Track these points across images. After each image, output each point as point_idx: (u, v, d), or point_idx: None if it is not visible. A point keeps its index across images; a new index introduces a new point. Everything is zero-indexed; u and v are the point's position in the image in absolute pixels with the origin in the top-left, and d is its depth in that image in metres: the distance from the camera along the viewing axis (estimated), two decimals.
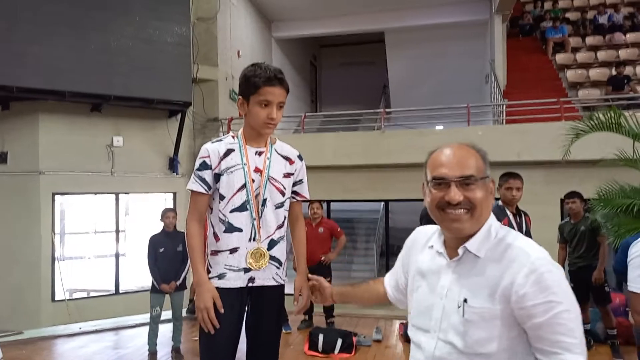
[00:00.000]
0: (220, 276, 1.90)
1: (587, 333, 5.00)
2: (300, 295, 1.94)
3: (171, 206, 7.97)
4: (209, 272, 1.94)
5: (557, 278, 1.21)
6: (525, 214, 3.69)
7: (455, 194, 1.27)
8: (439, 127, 9.00)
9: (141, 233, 5.81)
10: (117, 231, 8.11)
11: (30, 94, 6.89)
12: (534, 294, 1.18)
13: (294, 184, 2.05)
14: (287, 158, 2.03)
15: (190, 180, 1.94)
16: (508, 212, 3.55)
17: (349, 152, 7.87)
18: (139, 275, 7.55)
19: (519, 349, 1.24)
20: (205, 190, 1.92)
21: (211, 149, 1.94)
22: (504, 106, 8.58)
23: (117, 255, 8.06)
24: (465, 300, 1.27)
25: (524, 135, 7.47)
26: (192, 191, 1.93)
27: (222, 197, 1.92)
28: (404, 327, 5.38)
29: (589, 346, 4.91)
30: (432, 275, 1.38)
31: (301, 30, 12.02)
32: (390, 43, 12.08)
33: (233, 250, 1.90)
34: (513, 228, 3.48)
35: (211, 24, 9.05)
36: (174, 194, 8.36)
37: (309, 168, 2.18)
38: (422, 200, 3.30)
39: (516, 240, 1.29)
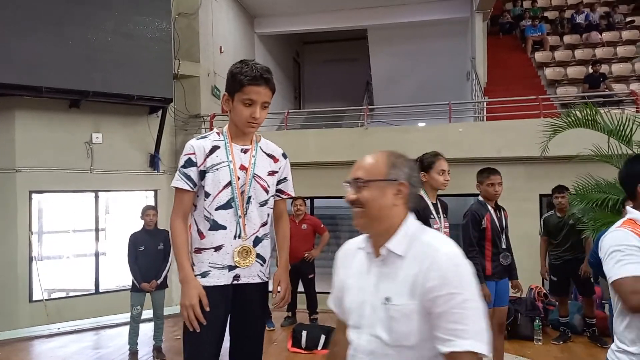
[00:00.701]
0: (204, 274, 1.88)
1: (566, 325, 5.12)
2: (279, 287, 1.93)
3: (152, 204, 7.89)
4: (192, 270, 1.92)
5: (461, 271, 1.32)
6: (503, 209, 3.74)
7: (349, 194, 1.44)
8: (421, 124, 9.06)
9: (122, 231, 5.73)
10: (97, 230, 7.98)
11: (5, 89, 6.70)
12: (438, 286, 1.29)
13: (279, 182, 2.04)
14: (271, 156, 2.03)
15: (175, 177, 1.92)
16: (489, 208, 3.58)
17: (332, 149, 7.87)
18: (119, 274, 7.44)
19: None
20: (191, 187, 1.90)
21: (196, 146, 1.92)
22: (485, 103, 8.68)
23: (97, 254, 7.93)
24: (387, 299, 1.37)
25: (505, 132, 7.57)
26: (177, 188, 1.90)
27: (207, 195, 1.90)
28: None
29: (566, 338, 5.04)
30: (362, 274, 1.48)
31: (284, 27, 11.96)
32: (372, 40, 12.11)
33: (218, 248, 1.89)
34: (495, 223, 3.54)
35: (193, 20, 8.95)
36: (155, 191, 8.27)
37: (292, 165, 2.17)
38: None
39: (429, 237, 1.42)
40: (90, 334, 6.16)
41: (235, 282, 1.90)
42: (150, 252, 4.84)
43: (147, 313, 5.09)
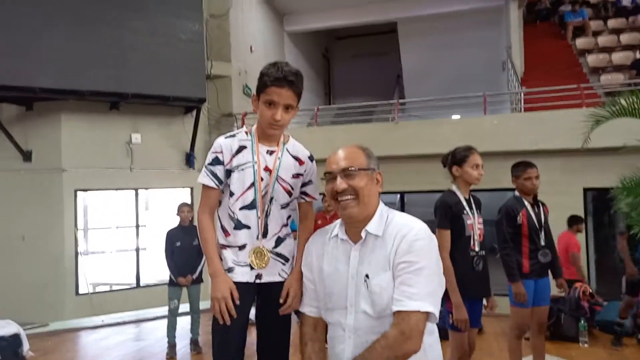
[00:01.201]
0: (229, 270, 1.93)
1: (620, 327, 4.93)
2: (287, 294, 1.91)
3: (188, 201, 8.12)
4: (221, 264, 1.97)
5: (423, 244, 1.53)
6: (543, 204, 3.59)
7: (340, 183, 1.58)
8: (455, 117, 8.90)
9: (161, 227, 5.95)
10: (137, 226, 8.29)
11: (51, 94, 7.06)
12: (403, 254, 1.51)
13: (303, 185, 2.04)
14: (297, 158, 2.01)
15: (202, 173, 1.95)
16: (526, 203, 3.45)
17: (362, 144, 7.85)
18: (158, 268, 7.72)
19: None
20: (216, 185, 1.93)
21: (224, 145, 1.94)
22: (522, 94, 8.44)
23: (137, 250, 8.24)
24: (367, 276, 1.55)
25: (542, 123, 7.34)
26: (204, 185, 1.94)
27: (232, 194, 1.93)
28: None
29: (618, 343, 4.81)
30: (339, 260, 1.64)
31: (313, 23, 11.99)
32: (403, 33, 11.95)
33: (242, 247, 1.93)
34: (532, 219, 3.41)
35: (223, 20, 9.12)
36: (191, 188, 8.50)
37: (322, 162, 2.17)
38: (437, 191, 3.30)
39: (401, 218, 1.61)
40: (132, 326, 6.43)
41: (258, 281, 1.94)
42: (185, 248, 5.00)
43: (185, 307, 5.27)
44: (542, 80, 9.19)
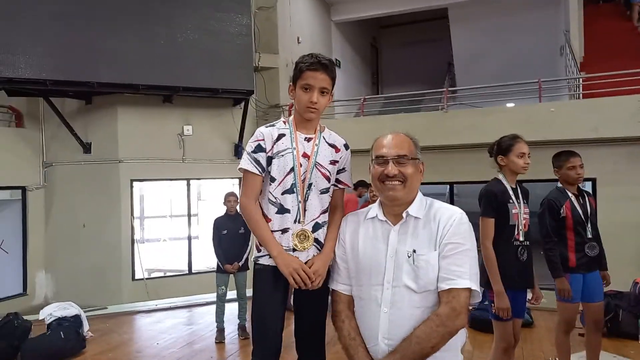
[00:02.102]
0: (269, 255, 1.98)
1: None
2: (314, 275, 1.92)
3: (237, 191, 8.31)
4: (259, 250, 2.03)
5: (466, 228, 1.69)
6: (589, 194, 3.43)
7: (392, 168, 1.71)
8: (510, 105, 8.55)
9: (212, 216, 6.15)
10: (189, 215, 8.57)
11: (109, 88, 7.37)
12: (449, 235, 1.65)
13: (338, 172, 2.08)
14: (333, 146, 2.07)
15: (244, 160, 1.99)
16: (570, 194, 3.31)
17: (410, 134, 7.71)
18: (209, 256, 7.97)
19: None
20: (259, 172, 1.98)
21: (266, 133, 2.01)
22: (581, 80, 7.98)
23: (189, 238, 8.54)
24: (414, 251, 1.67)
25: (603, 110, 6.90)
26: (246, 171, 1.98)
27: (273, 180, 1.98)
28: (470, 313, 5.27)
29: None
30: (377, 239, 1.76)
31: (361, 12, 11.83)
32: (453, 19, 11.56)
33: (284, 231, 1.97)
34: (577, 211, 3.27)
35: (271, 13, 9.19)
36: (239, 179, 8.65)
37: (368, 152, 2.17)
38: (487, 182, 3.20)
39: (439, 203, 1.77)
40: (184, 311, 6.69)
41: None
42: (232, 236, 5.13)
43: (232, 294, 5.42)
44: (603, 64, 8.63)
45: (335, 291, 1.89)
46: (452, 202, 9.20)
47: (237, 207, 5.24)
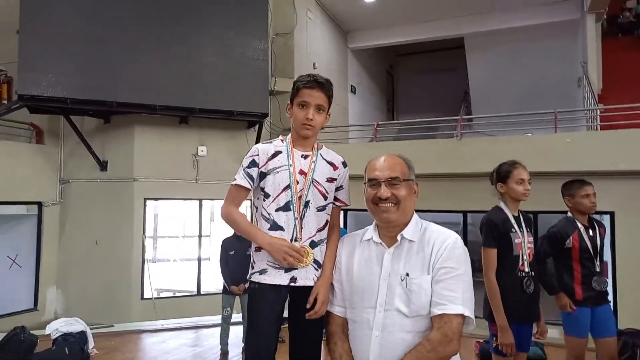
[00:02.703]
0: (262, 272, 1.97)
1: None
2: (316, 299, 1.90)
3: (247, 213, 8.32)
4: (252, 267, 2.02)
5: (461, 252, 1.66)
6: (600, 225, 3.30)
7: (385, 191, 1.71)
8: (529, 135, 8.49)
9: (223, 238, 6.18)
10: (200, 236, 8.59)
11: (127, 107, 7.55)
12: (443, 260, 1.63)
13: (336, 190, 2.07)
14: (331, 163, 2.07)
15: (238, 175, 2.03)
16: (579, 225, 3.20)
17: (423, 161, 7.66)
18: (219, 278, 7.94)
19: None
20: (250, 185, 2.01)
21: (261, 149, 2.04)
22: (598, 111, 7.89)
23: (199, 259, 8.53)
24: (407, 275, 1.65)
25: (623, 142, 6.80)
26: (237, 185, 2.01)
27: (267, 196, 1.98)
28: (480, 346, 5.13)
29: None
30: (372, 261, 1.75)
31: (377, 40, 12.00)
32: (470, 48, 11.64)
33: None
34: (585, 243, 3.15)
35: (289, 38, 9.37)
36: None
37: None
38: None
39: (434, 227, 1.75)
40: (190, 332, 6.63)
41: (292, 284, 1.95)
42: (239, 257, 5.10)
43: (239, 317, 5.36)
44: (622, 97, 8.56)
45: (330, 313, 1.88)
46: (465, 232, 9.07)
47: None
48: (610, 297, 3.34)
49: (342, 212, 8.60)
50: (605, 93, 9.32)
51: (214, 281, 8.37)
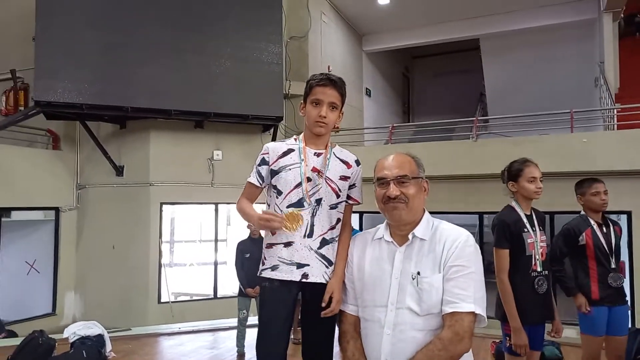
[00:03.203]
0: (274, 267, 1.98)
1: None
2: (331, 297, 1.90)
3: None
4: (263, 264, 2.03)
5: (472, 251, 1.66)
6: (615, 223, 3.28)
7: (394, 190, 1.70)
8: (545, 135, 8.39)
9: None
10: (216, 240, 8.62)
11: (142, 113, 7.63)
12: (454, 258, 1.62)
13: (349, 188, 2.07)
14: (345, 162, 2.07)
15: (252, 173, 2.09)
16: (592, 222, 3.17)
17: (439, 162, 7.62)
18: (235, 281, 7.96)
19: None
20: (259, 183, 2.05)
21: (272, 147, 2.07)
22: (615, 111, 7.77)
23: (215, 263, 8.56)
24: (418, 273, 1.65)
25: (637, 142, 6.70)
26: (249, 182, 2.07)
27: (279, 193, 2.00)
28: (495, 346, 5.07)
29: None
30: (383, 260, 1.75)
31: (392, 42, 11.96)
32: (486, 50, 11.55)
33: (287, 244, 1.96)
34: (598, 240, 3.13)
35: (303, 42, 9.39)
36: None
37: None
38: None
39: (446, 225, 1.74)
40: (207, 334, 6.65)
41: (304, 280, 1.95)
42: (255, 259, 5.06)
43: (255, 319, 5.35)
44: (639, 97, 8.41)
45: (342, 311, 1.88)
46: (481, 233, 8.98)
47: (261, 231, 5.24)
48: (627, 298, 3.30)
49: (358, 215, 8.62)
50: (623, 92, 9.18)
51: (230, 284, 8.40)
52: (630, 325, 3.55)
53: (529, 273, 2.79)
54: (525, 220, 2.83)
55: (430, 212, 1.82)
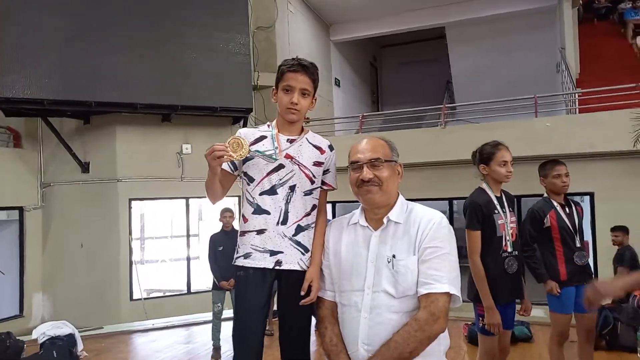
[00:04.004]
0: (246, 255, 1.96)
1: None
2: (310, 286, 1.91)
3: (236, 209, 8.27)
4: (237, 252, 2.01)
5: (446, 231, 1.68)
6: (577, 204, 3.36)
7: (367, 173, 1.71)
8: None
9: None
10: (188, 235, 8.52)
11: (107, 107, 7.43)
12: (428, 240, 1.65)
13: (323, 173, 2.06)
14: (318, 147, 2.05)
15: None
16: (555, 204, 3.24)
17: (409, 150, 7.67)
18: (208, 276, 7.89)
19: None
20: (231, 170, 2.00)
21: (244, 133, 2.01)
22: (576, 95, 8.02)
23: (188, 258, 8.46)
24: (394, 256, 1.67)
25: (599, 125, 6.94)
26: (222, 169, 1.96)
27: (251, 180, 1.98)
28: (468, 328, 5.20)
29: None
30: (358, 245, 1.77)
31: (360, 32, 11.99)
32: (451, 38, 11.71)
33: (260, 232, 1.95)
34: (563, 221, 3.20)
35: (270, 32, 9.31)
36: (238, 197, 8.66)
37: None
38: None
39: (420, 207, 1.77)
40: (181, 329, 6.60)
41: (277, 267, 1.94)
42: (228, 252, 5.00)
43: (230, 312, 5.33)
44: (599, 81, 8.69)
45: (320, 298, 1.89)
46: (451, 219, 9.17)
47: (234, 223, 5.21)
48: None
49: (331, 205, 8.64)
50: (583, 77, 9.46)
51: (203, 279, 8.33)
52: None
53: (500, 254, 2.84)
54: (495, 201, 2.88)
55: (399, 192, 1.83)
